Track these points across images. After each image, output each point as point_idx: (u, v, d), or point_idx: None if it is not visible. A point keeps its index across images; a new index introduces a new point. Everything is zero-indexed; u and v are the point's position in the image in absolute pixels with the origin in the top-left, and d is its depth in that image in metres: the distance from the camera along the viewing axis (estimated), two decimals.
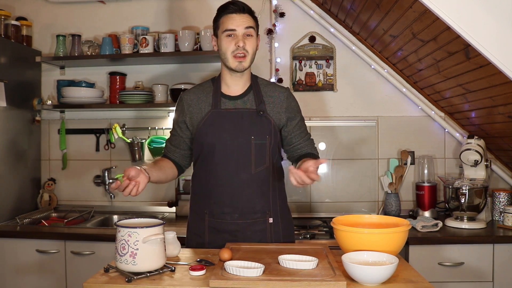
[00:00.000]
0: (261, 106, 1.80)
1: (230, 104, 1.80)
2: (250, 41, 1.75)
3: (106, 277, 1.35)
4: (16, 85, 2.74)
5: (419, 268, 1.88)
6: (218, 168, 1.77)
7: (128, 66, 3.01)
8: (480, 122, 2.58)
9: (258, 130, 1.77)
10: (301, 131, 1.89)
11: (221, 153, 1.76)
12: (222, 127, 1.77)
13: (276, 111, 1.82)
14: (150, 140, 2.91)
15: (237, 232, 1.77)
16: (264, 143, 1.77)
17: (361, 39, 2.89)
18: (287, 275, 1.31)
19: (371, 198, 2.91)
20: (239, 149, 1.76)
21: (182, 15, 2.98)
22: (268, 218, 1.80)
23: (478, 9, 1.54)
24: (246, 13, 1.75)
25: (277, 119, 1.82)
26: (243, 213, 1.76)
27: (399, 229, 1.45)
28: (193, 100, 1.84)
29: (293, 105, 1.87)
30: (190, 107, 1.83)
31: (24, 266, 2.43)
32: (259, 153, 1.77)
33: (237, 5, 1.75)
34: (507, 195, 2.57)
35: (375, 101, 2.92)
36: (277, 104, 1.83)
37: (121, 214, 2.90)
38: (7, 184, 2.67)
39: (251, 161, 1.76)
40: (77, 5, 3.05)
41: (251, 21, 1.76)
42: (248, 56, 1.75)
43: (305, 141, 1.89)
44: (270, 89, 1.85)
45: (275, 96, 1.84)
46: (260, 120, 1.78)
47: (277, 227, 1.82)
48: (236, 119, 1.77)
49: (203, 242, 1.81)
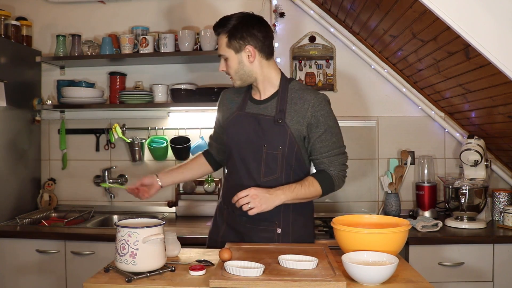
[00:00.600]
0: (280, 114, 1.71)
1: (254, 108, 1.79)
2: (227, 64, 1.75)
3: (106, 277, 1.35)
4: (16, 85, 2.74)
5: (419, 268, 1.88)
6: (233, 170, 1.81)
7: (128, 66, 3.01)
8: (480, 122, 2.58)
9: (272, 139, 1.72)
10: (322, 145, 1.73)
11: (235, 156, 1.79)
12: (240, 130, 1.78)
13: (297, 121, 1.70)
14: (150, 140, 2.91)
15: (245, 234, 1.78)
16: (276, 154, 1.72)
17: (361, 39, 2.89)
18: (287, 275, 1.31)
19: (371, 198, 2.91)
20: (251, 155, 1.75)
21: (182, 15, 2.98)
22: (276, 227, 1.76)
23: (478, 9, 1.54)
24: (220, 34, 1.73)
25: (296, 130, 1.71)
26: (250, 218, 1.72)
27: (399, 229, 1.45)
28: (227, 99, 1.90)
29: (319, 115, 1.71)
30: (223, 106, 1.90)
31: (24, 266, 2.43)
32: (270, 163, 1.73)
33: (214, 27, 1.75)
34: (507, 195, 2.57)
35: (375, 101, 2.92)
36: (300, 113, 1.71)
37: (121, 214, 2.90)
38: (7, 184, 2.67)
39: (261, 170, 1.74)
40: (77, 5, 3.05)
41: (223, 44, 1.72)
42: (233, 77, 1.77)
43: (324, 158, 1.74)
44: (298, 95, 1.73)
45: (300, 103, 1.71)
46: (276, 129, 1.71)
47: (287, 239, 1.76)
48: (253, 124, 1.76)
49: (217, 235, 1.87)
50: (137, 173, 3.01)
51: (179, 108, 2.88)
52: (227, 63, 1.74)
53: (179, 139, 2.87)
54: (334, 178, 1.75)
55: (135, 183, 1.91)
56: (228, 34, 1.71)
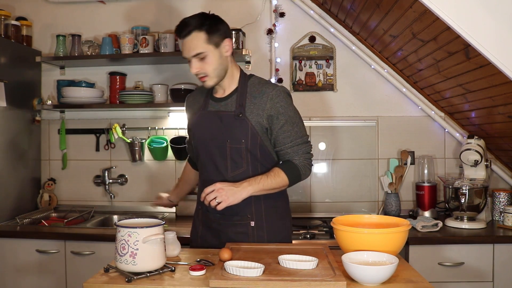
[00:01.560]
0: (239, 109, 1.74)
1: (215, 106, 1.83)
2: (204, 63, 1.71)
3: (106, 277, 1.35)
4: (16, 85, 2.74)
5: (419, 268, 1.88)
6: (202, 169, 1.86)
7: (128, 66, 3.01)
8: (480, 122, 2.58)
9: (234, 134, 1.75)
10: (285, 135, 1.76)
11: (203, 154, 1.83)
12: (204, 129, 1.82)
13: (257, 113, 1.73)
14: (150, 140, 2.91)
15: (220, 231, 1.81)
16: (240, 147, 1.75)
17: (361, 39, 2.89)
18: (287, 275, 1.31)
19: (371, 198, 2.91)
20: (217, 151, 1.78)
21: (182, 15, 2.95)
22: (249, 221, 1.78)
23: (478, 9, 1.54)
24: (192, 34, 1.67)
25: (256, 122, 1.73)
26: (223, 214, 1.77)
27: (399, 229, 1.45)
28: (191, 101, 1.94)
29: (278, 106, 1.73)
30: (189, 108, 1.95)
31: (24, 266, 2.43)
32: (235, 157, 1.76)
33: (181, 30, 1.69)
34: (507, 195, 2.57)
35: (375, 101, 2.92)
36: (259, 105, 1.74)
37: (121, 214, 2.90)
38: (7, 184, 2.67)
39: (227, 164, 1.77)
40: (77, 5, 3.05)
41: (199, 43, 1.67)
42: (209, 76, 1.74)
43: (288, 148, 1.77)
44: (256, 89, 1.77)
45: (259, 97, 1.75)
46: (238, 123, 1.74)
47: (261, 231, 1.79)
48: (216, 122, 1.79)
49: (196, 236, 1.90)
50: (137, 173, 3.01)
51: (179, 108, 2.88)
52: (205, 61, 1.71)
53: (179, 139, 2.87)
54: (299, 167, 1.78)
55: (135, 183, 1.92)
56: (206, 30, 1.68)
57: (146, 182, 3.00)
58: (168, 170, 2.99)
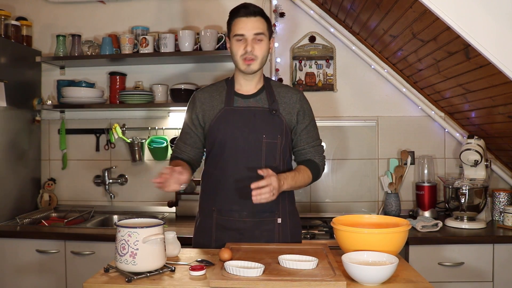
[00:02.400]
0: (274, 105, 1.81)
1: (243, 103, 1.82)
2: (259, 45, 1.76)
3: (106, 277, 1.35)
4: (16, 85, 2.74)
5: (419, 268, 1.88)
6: (229, 165, 1.78)
7: (128, 66, 3.01)
8: (480, 122, 2.58)
9: (270, 129, 1.78)
10: (308, 136, 1.87)
11: (232, 150, 1.78)
12: (234, 124, 1.78)
13: (288, 111, 1.82)
14: (150, 140, 2.91)
15: (245, 230, 1.77)
16: (275, 142, 1.78)
17: (361, 39, 2.89)
18: (287, 275, 1.31)
19: (371, 198, 2.91)
20: (250, 146, 1.77)
21: (182, 15, 2.99)
22: (276, 218, 1.80)
23: (478, 9, 1.54)
24: (257, 16, 1.75)
25: (289, 120, 1.82)
26: (251, 211, 1.76)
27: (399, 229, 1.45)
28: (206, 98, 1.87)
29: (305, 107, 1.86)
30: (203, 105, 1.85)
31: (24, 266, 2.43)
32: (270, 152, 1.78)
33: (248, 9, 1.75)
34: (507, 195, 2.57)
35: (375, 101, 2.92)
36: (290, 105, 1.83)
37: (121, 214, 2.90)
38: (7, 184, 2.67)
39: (262, 160, 1.77)
40: (77, 5, 3.05)
41: (262, 26, 1.76)
42: (257, 60, 1.77)
43: (310, 147, 1.87)
44: (283, 90, 1.86)
45: (288, 96, 1.84)
46: (272, 119, 1.79)
47: (285, 228, 1.82)
48: (248, 117, 1.79)
49: (209, 240, 1.80)
50: (137, 173, 3.01)
51: (179, 108, 2.88)
52: (259, 44, 1.75)
53: None
54: (320, 168, 1.89)
55: (135, 183, 1.90)
56: (267, 20, 1.79)
57: (146, 182, 3.00)
58: None
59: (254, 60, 1.75)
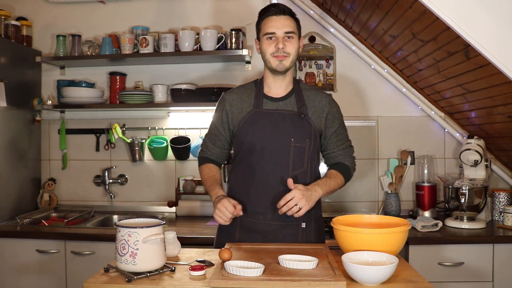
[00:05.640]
0: (303, 109, 1.80)
1: (272, 105, 1.81)
2: (291, 42, 1.75)
3: (106, 277, 1.35)
4: (16, 85, 2.74)
5: (419, 268, 1.88)
6: (257, 167, 1.78)
7: (128, 66, 3.01)
8: (480, 122, 2.58)
9: (299, 133, 1.77)
10: (338, 139, 1.87)
11: (260, 152, 1.77)
12: (262, 127, 1.78)
13: (317, 115, 1.81)
14: (150, 140, 2.92)
15: (268, 233, 1.77)
16: (304, 146, 1.77)
17: (361, 39, 2.89)
18: (287, 275, 1.31)
19: (371, 198, 2.91)
20: (278, 150, 1.76)
21: (182, 15, 2.98)
22: (301, 222, 1.79)
23: (478, 9, 1.54)
24: (286, 15, 1.75)
25: (318, 124, 1.81)
26: (276, 215, 1.73)
27: (399, 229, 1.45)
28: (234, 100, 1.86)
29: (334, 111, 1.85)
30: (232, 107, 1.85)
31: (24, 266, 2.43)
32: (298, 156, 1.77)
33: (277, 7, 1.76)
34: (507, 195, 2.57)
35: (375, 101, 2.92)
36: (318, 108, 1.82)
37: (121, 214, 2.90)
38: (7, 184, 2.67)
39: (289, 163, 1.76)
40: (77, 5, 3.05)
41: (292, 24, 1.76)
42: (289, 57, 1.76)
43: (340, 150, 1.88)
44: (312, 94, 1.85)
45: (317, 100, 1.83)
46: (301, 123, 1.78)
47: (309, 233, 1.81)
48: (277, 120, 1.78)
49: (232, 241, 1.79)
50: (137, 173, 3.01)
51: (179, 108, 2.88)
52: (291, 42, 1.75)
53: (179, 139, 2.87)
54: (351, 169, 1.91)
55: (135, 183, 1.90)
56: (296, 20, 1.80)
57: (146, 182, 3.00)
58: (168, 170, 2.99)
59: (286, 57, 1.75)
